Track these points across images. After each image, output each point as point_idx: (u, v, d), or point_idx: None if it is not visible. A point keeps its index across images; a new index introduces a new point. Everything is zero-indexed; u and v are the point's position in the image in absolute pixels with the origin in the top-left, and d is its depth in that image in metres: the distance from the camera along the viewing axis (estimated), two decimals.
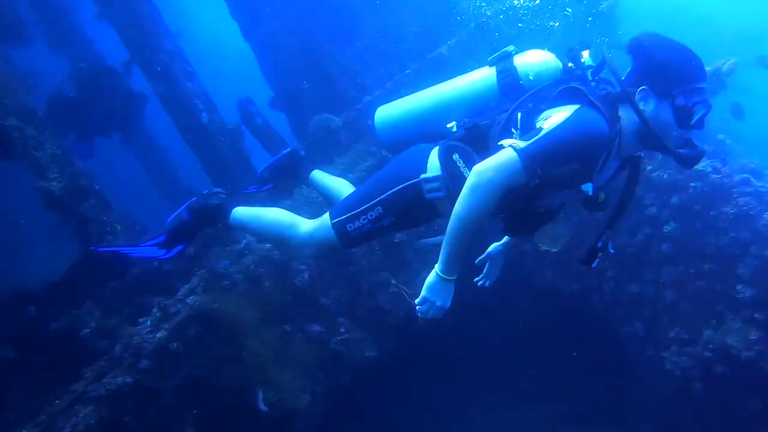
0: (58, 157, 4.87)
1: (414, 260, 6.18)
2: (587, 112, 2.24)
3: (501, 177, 2.16)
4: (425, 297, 2.41)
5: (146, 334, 4.04)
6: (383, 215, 2.63)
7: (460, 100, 2.75)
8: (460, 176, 2.41)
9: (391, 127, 2.96)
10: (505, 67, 2.69)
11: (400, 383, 6.49)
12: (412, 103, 2.93)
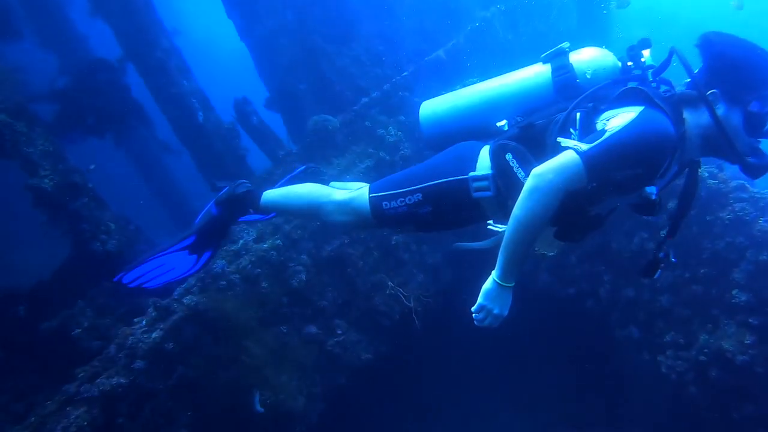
0: (50, 154, 4.79)
1: (410, 262, 6.17)
2: (653, 115, 2.16)
3: (562, 180, 2.09)
4: (482, 304, 2.35)
5: (141, 334, 3.98)
6: (421, 203, 2.56)
7: (512, 97, 2.66)
8: (512, 177, 2.34)
9: (436, 122, 2.86)
10: (561, 65, 2.58)
11: (395, 386, 6.46)
12: (459, 98, 2.82)
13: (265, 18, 6.64)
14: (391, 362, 5.95)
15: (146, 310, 4.33)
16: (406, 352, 6.14)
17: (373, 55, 7.46)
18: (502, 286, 2.32)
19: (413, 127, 6.33)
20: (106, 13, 5.51)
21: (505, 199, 2.37)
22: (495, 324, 2.36)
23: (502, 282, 2.31)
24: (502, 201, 2.39)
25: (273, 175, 5.51)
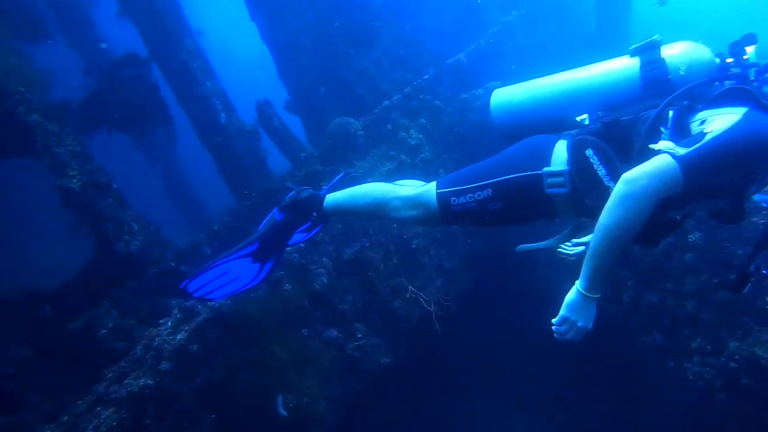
0: (78, 154, 4.82)
1: (429, 266, 6.15)
2: (759, 117, 2.02)
3: (657, 186, 1.96)
4: (565, 316, 2.22)
5: (167, 336, 3.99)
6: (491, 199, 2.46)
7: (594, 90, 2.51)
8: (591, 174, 2.24)
9: (509, 111, 2.74)
10: (652, 59, 2.41)
11: (412, 390, 6.44)
12: (537, 88, 2.68)
13: (288, 21, 6.67)
14: (409, 366, 5.94)
15: (171, 312, 4.35)
16: (424, 356, 6.12)
17: (393, 58, 7.47)
18: (588, 298, 2.18)
19: (433, 129, 6.33)
20: (133, 14, 5.55)
21: (581, 197, 2.28)
22: (578, 337, 2.24)
23: (588, 293, 2.18)
24: (577, 199, 2.29)
25: (294, 177, 5.53)
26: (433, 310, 5.59)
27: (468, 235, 6.63)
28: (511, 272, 6.26)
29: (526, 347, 6.22)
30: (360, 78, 7.09)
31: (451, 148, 6.41)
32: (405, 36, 7.73)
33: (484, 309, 6.26)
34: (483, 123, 6.21)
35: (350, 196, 2.93)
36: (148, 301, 5.01)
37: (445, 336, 5.71)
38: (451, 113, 6.41)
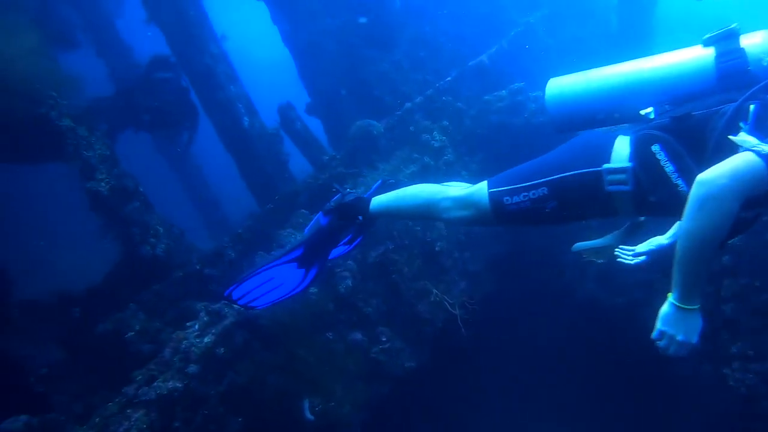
0: (106, 158, 4.88)
1: (452, 269, 6.11)
2: None
3: (741, 186, 1.85)
4: (662, 330, 2.11)
5: (194, 338, 3.99)
6: (547, 197, 2.38)
7: (663, 82, 2.34)
8: (658, 171, 2.14)
9: (566, 101, 2.57)
10: (729, 49, 2.24)
11: (435, 394, 6.39)
12: (598, 78, 2.52)
13: (308, 24, 6.69)
14: (433, 370, 5.90)
15: (198, 315, 4.36)
16: (448, 360, 6.07)
17: (413, 60, 7.46)
18: (684, 309, 2.05)
19: (455, 131, 6.30)
20: (159, 20, 5.61)
21: (645, 194, 2.19)
22: (681, 352, 2.10)
23: (682, 305, 2.04)
24: (641, 197, 2.20)
25: (318, 180, 5.53)
26: (458, 313, 5.54)
27: (492, 238, 6.58)
28: (536, 275, 6.21)
29: (552, 351, 6.15)
30: (380, 80, 7.08)
31: (474, 150, 6.38)
32: (425, 38, 7.72)
33: (509, 312, 6.21)
34: (506, 125, 6.17)
35: (397, 198, 2.87)
36: (174, 304, 5.04)
37: (470, 339, 5.66)
38: (474, 115, 6.37)
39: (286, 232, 4.69)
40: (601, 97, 2.47)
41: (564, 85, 2.60)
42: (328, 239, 2.99)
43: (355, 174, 5.43)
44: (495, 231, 6.66)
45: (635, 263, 2.93)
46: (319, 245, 2.97)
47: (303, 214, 4.89)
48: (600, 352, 5.73)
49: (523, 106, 5.99)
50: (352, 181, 5.41)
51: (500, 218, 2.55)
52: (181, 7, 5.47)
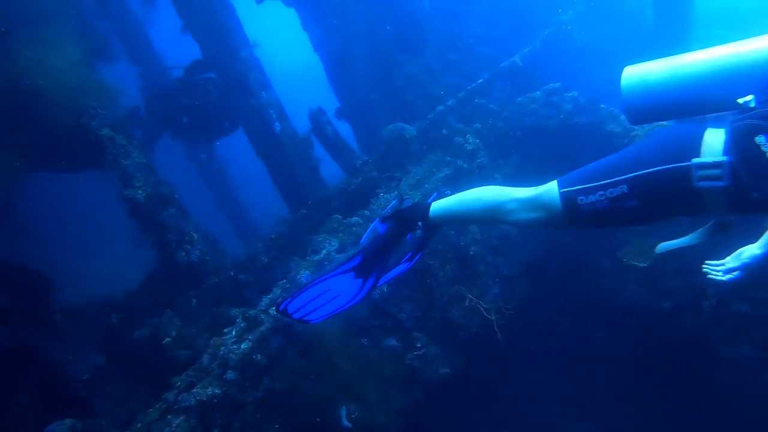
0: (143, 165, 4.94)
1: (486, 274, 6.02)
2: None
3: None
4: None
5: (231, 345, 4.00)
6: (626, 196, 2.22)
7: (765, 66, 2.16)
8: (763, 165, 1.98)
9: (648, 90, 2.36)
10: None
11: (470, 401, 6.30)
12: (687, 63, 2.30)
13: (339, 29, 6.69)
14: (468, 376, 5.82)
15: (234, 320, 4.38)
16: (483, 365, 5.98)
17: (443, 63, 7.40)
18: None
19: (489, 134, 6.22)
20: (193, 27, 5.68)
21: (745, 190, 2.04)
22: None
23: None
24: (739, 193, 2.06)
25: (351, 185, 5.51)
26: (494, 318, 5.45)
27: (526, 242, 6.47)
28: (572, 280, 6.07)
29: (591, 357, 6.00)
30: (411, 84, 7.04)
31: (507, 153, 6.28)
32: (455, 40, 7.65)
33: (545, 317, 6.09)
34: (540, 126, 6.06)
35: (459, 202, 2.76)
36: (209, 311, 5.07)
37: (507, 345, 5.57)
38: (507, 117, 6.28)
39: (320, 237, 4.67)
40: (690, 85, 2.28)
41: (645, 72, 2.38)
42: (387, 247, 2.87)
43: (388, 178, 5.40)
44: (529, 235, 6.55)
45: (728, 279, 2.73)
46: (376, 254, 2.84)
47: (336, 219, 4.87)
48: (643, 358, 5.57)
49: (558, 107, 5.88)
50: (385, 186, 5.38)
51: (573, 219, 2.39)
52: (215, 14, 5.52)
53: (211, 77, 5.42)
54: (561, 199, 2.36)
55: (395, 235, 2.86)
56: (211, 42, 5.64)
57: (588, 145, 6.01)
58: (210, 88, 5.34)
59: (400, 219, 2.83)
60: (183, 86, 5.45)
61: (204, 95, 5.37)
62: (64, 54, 4.50)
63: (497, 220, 2.67)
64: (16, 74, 4.40)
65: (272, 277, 5.26)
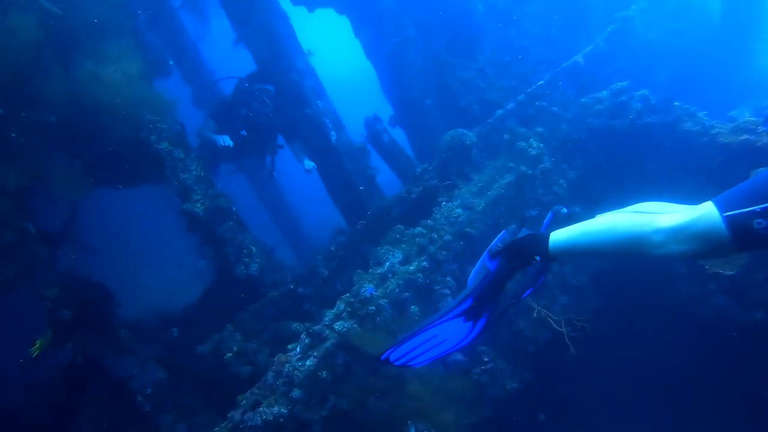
0: (202, 179, 4.90)
1: (552, 284, 5.74)
2: None
3: None
4: None
5: (296, 362, 3.87)
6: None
7: None
8: None
9: None
10: None
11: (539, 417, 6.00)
12: None
13: (391, 35, 6.55)
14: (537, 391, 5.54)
15: (296, 335, 4.25)
16: (552, 380, 5.69)
17: (498, 66, 7.17)
18: None
19: (551, 137, 5.95)
20: (247, 38, 5.64)
21: None
22: None
23: None
24: None
25: (411, 193, 5.34)
26: (564, 330, 5.16)
27: None
28: (646, 290, 5.70)
29: (670, 372, 5.61)
30: (466, 88, 6.84)
31: (572, 157, 5.99)
32: (510, 42, 7.41)
33: (619, 330, 5.74)
34: (607, 128, 5.75)
35: (587, 233, 2.39)
36: (270, 325, 4.97)
37: (579, 359, 5.27)
38: (570, 119, 6.00)
39: (383, 249, 4.51)
40: None
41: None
42: (499, 285, 2.58)
43: (450, 186, 5.20)
44: None
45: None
46: (487, 294, 2.56)
47: (399, 229, 4.70)
48: (729, 373, 5.16)
49: (626, 107, 5.55)
50: (446, 194, 5.18)
51: (747, 246, 2.09)
52: (270, 24, 5.47)
53: (269, 89, 5.34)
54: (728, 225, 2.05)
55: (508, 271, 2.54)
56: (266, 52, 5.59)
57: (661, 146, 5.67)
58: (266, 99, 5.27)
59: (514, 254, 2.52)
60: (240, 98, 5.41)
61: (261, 107, 5.32)
62: (124, 69, 4.52)
63: (638, 254, 2.30)
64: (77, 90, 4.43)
65: (332, 289, 5.13)
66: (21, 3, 4.04)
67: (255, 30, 5.47)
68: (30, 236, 4.15)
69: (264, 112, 5.44)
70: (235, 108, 5.50)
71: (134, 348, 4.71)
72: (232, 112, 5.52)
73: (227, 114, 5.51)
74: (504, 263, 2.52)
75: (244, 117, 5.51)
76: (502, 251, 2.53)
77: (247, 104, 5.51)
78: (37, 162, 4.24)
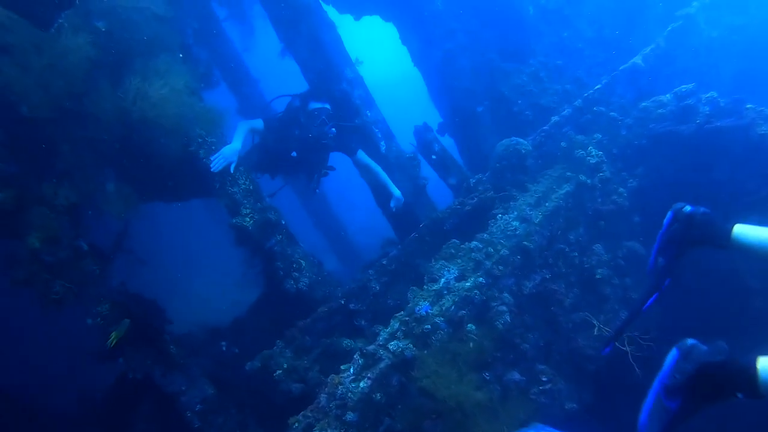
0: (250, 192, 4.83)
1: (612, 297, 5.44)
2: None
3: None
4: None
5: (350, 383, 3.72)
6: None
7: None
8: None
9: None
10: None
11: None
12: None
13: (440, 41, 6.38)
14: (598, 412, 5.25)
15: (349, 354, 4.11)
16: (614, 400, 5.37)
17: (551, 69, 6.90)
18: None
19: (611, 144, 5.65)
20: (294, 49, 5.56)
21: None
22: None
23: None
24: None
25: (465, 205, 5.13)
26: (628, 350, 4.86)
27: None
28: (716, 305, 5.34)
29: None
30: (518, 94, 6.59)
31: (632, 165, 5.68)
32: (563, 45, 7.13)
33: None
34: (672, 134, 5.42)
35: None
36: (320, 341, 4.85)
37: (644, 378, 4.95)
38: (630, 125, 5.69)
39: (438, 264, 4.33)
40: None
41: None
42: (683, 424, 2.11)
43: (505, 197, 4.98)
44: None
45: None
46: None
47: (454, 243, 4.51)
48: None
49: (693, 110, 5.22)
50: (502, 206, 4.96)
51: None
52: (317, 34, 5.38)
53: (326, 108, 5.16)
54: None
55: (694, 411, 2.03)
56: (315, 62, 5.49)
57: (730, 151, 5.30)
58: (325, 118, 5.08)
59: (705, 391, 1.96)
60: (293, 117, 5.22)
61: (319, 127, 5.11)
62: (172, 84, 4.48)
63: None
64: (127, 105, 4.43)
65: (384, 305, 4.98)
66: (73, 23, 4.05)
67: (303, 40, 5.38)
68: (82, 254, 4.14)
69: (324, 132, 5.19)
70: (287, 128, 5.29)
71: (184, 364, 4.66)
72: (285, 132, 5.29)
73: (279, 134, 5.30)
74: (690, 404, 2.00)
75: (296, 138, 5.26)
76: (686, 386, 1.99)
77: (300, 124, 5.26)
78: (88, 180, 4.25)
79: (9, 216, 4.03)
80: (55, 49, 4.00)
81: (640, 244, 5.62)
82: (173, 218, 9.43)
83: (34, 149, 4.26)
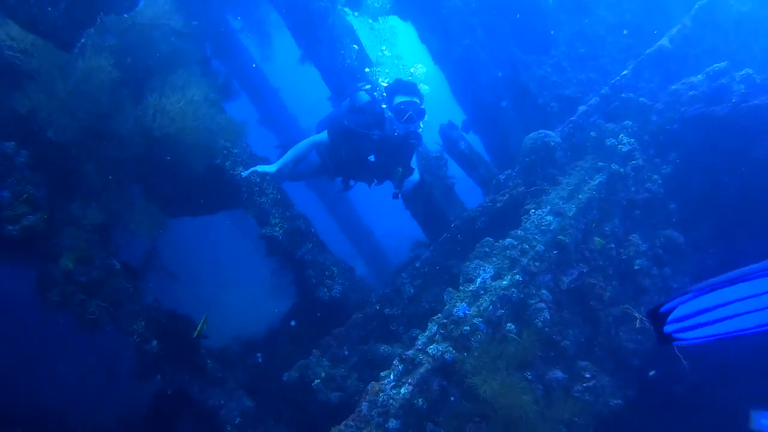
0: (279, 201, 4.79)
1: (651, 288, 5.28)
2: None
3: None
4: None
5: (390, 390, 3.65)
6: None
7: None
8: None
9: None
10: None
11: None
12: None
13: (460, 37, 6.28)
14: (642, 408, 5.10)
15: (388, 360, 4.04)
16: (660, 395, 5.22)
17: (574, 59, 6.75)
18: None
19: (641, 131, 5.49)
20: (314, 56, 5.53)
21: None
22: None
23: None
24: None
25: (496, 202, 5.03)
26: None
27: (694, 249, 5.63)
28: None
29: None
30: (542, 85, 6.46)
31: (665, 151, 5.51)
32: (584, 33, 6.96)
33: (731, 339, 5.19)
34: (704, 115, 5.23)
35: None
36: (357, 348, 4.79)
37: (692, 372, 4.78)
38: (661, 110, 5.52)
39: (473, 264, 4.23)
40: None
41: None
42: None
43: (537, 192, 4.86)
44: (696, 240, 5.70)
45: None
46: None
47: (488, 242, 4.41)
48: None
49: (727, 90, 5.04)
50: (534, 201, 4.85)
51: None
52: (336, 38, 5.33)
53: (414, 102, 4.49)
54: None
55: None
56: (335, 66, 5.44)
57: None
58: (413, 115, 4.34)
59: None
60: (373, 118, 4.50)
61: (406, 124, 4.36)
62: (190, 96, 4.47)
63: None
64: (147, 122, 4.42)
65: (419, 308, 4.90)
66: (95, 43, 4.06)
67: (322, 46, 5.33)
68: (115, 272, 4.15)
69: (412, 132, 4.52)
70: (363, 132, 4.53)
71: (221, 377, 4.64)
72: (359, 138, 4.56)
73: (351, 143, 4.62)
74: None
75: (376, 141, 4.54)
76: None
77: (381, 125, 4.53)
78: (115, 199, 4.25)
79: (40, 238, 4.05)
80: (78, 72, 4.01)
81: (678, 232, 5.45)
82: (202, 232, 9.49)
83: (61, 171, 4.28)
